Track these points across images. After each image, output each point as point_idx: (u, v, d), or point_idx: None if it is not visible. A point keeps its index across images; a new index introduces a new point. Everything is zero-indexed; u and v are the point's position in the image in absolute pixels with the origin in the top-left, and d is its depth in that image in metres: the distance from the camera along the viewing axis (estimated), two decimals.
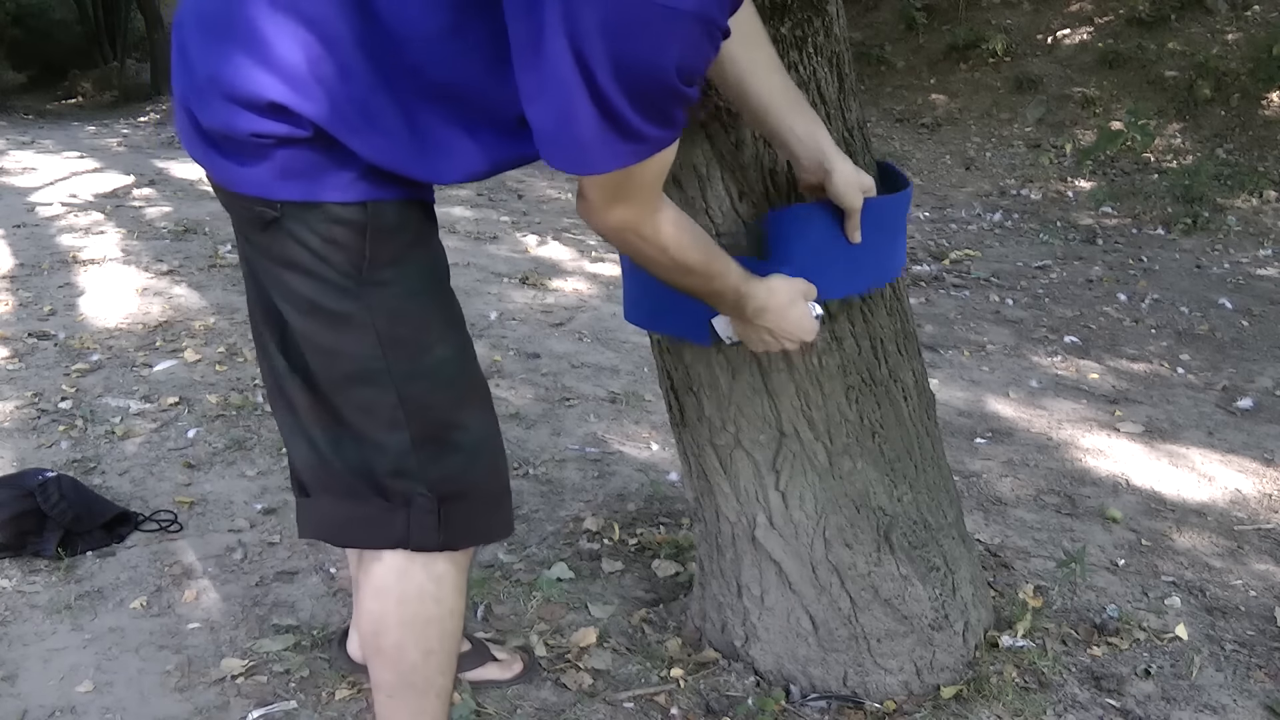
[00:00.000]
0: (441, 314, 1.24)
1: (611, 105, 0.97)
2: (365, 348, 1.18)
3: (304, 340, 1.20)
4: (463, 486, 1.26)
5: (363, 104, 1.09)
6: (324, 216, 1.14)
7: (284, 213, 1.14)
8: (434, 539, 1.25)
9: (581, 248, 5.11)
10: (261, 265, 1.21)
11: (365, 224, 1.14)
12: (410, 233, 1.19)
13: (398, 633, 1.30)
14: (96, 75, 16.17)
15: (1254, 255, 5.18)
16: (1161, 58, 7.57)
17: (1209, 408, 3.17)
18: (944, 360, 3.54)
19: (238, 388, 3.09)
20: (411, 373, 1.20)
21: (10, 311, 3.83)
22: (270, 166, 1.12)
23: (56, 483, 2.20)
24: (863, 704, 1.68)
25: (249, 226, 1.20)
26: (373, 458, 1.22)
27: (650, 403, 3.06)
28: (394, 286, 1.18)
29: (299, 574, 2.09)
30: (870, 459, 1.63)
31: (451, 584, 1.31)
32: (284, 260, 1.17)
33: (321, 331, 1.19)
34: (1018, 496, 2.52)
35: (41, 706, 1.68)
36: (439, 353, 1.23)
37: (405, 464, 1.22)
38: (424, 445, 1.22)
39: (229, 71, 1.10)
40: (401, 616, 1.30)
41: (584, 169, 1.05)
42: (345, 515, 1.27)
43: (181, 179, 7.17)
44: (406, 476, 1.23)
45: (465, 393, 1.27)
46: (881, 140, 7.69)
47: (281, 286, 1.19)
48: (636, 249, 1.19)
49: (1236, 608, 2.03)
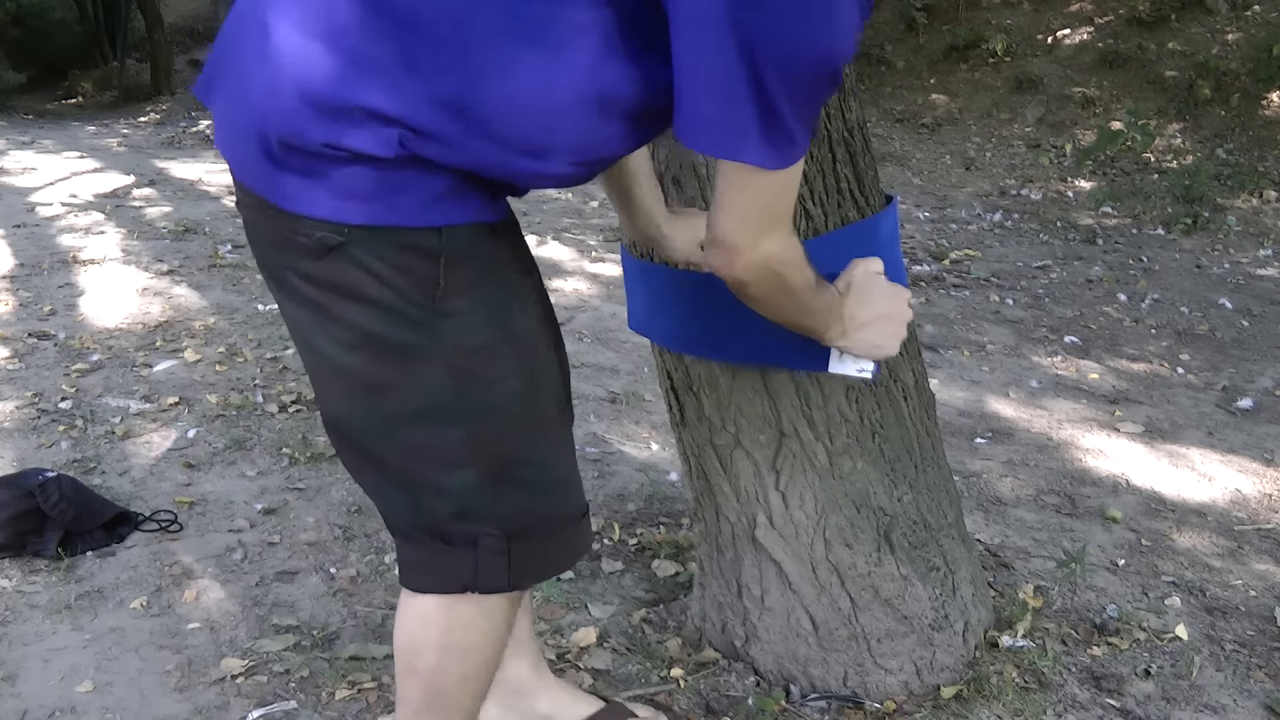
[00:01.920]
0: (514, 344, 1.15)
1: (769, 96, 0.96)
2: (432, 381, 1.10)
3: (345, 378, 1.12)
4: (533, 522, 1.19)
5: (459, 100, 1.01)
6: (395, 242, 1.05)
7: (350, 238, 1.04)
8: (503, 580, 1.18)
9: (581, 248, 5.11)
10: (304, 298, 1.10)
11: (440, 250, 1.06)
12: (483, 258, 1.11)
13: (437, 657, 1.24)
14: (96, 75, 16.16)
15: (1254, 255, 5.18)
16: (1161, 58, 7.57)
17: (1209, 408, 3.17)
18: (944, 360, 3.54)
19: (238, 388, 3.09)
20: (480, 407, 1.12)
21: (10, 311, 3.83)
22: (337, 186, 1.04)
23: (56, 483, 2.20)
24: (863, 704, 1.68)
25: (297, 253, 1.08)
26: (428, 500, 1.15)
27: (650, 403, 3.07)
28: (466, 316, 1.09)
29: (299, 574, 2.09)
30: (870, 459, 1.63)
31: (502, 616, 1.24)
32: (342, 290, 1.07)
33: (373, 366, 1.10)
34: (1018, 496, 2.52)
35: (41, 706, 1.68)
36: (510, 384, 1.14)
37: (470, 504, 1.15)
38: (491, 483, 1.14)
39: (311, 71, 1.01)
40: (443, 643, 1.23)
41: (738, 155, 1.00)
42: (413, 559, 1.20)
43: (181, 179, 7.17)
44: (472, 517, 1.15)
45: (537, 426, 1.19)
46: (881, 140, 7.69)
47: (327, 319, 1.10)
48: (779, 286, 1.12)
49: (1236, 608, 2.03)
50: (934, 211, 6.23)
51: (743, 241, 1.06)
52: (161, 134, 10.46)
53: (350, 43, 1.01)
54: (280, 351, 3.41)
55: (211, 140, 9.65)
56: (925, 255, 5.08)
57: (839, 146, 1.53)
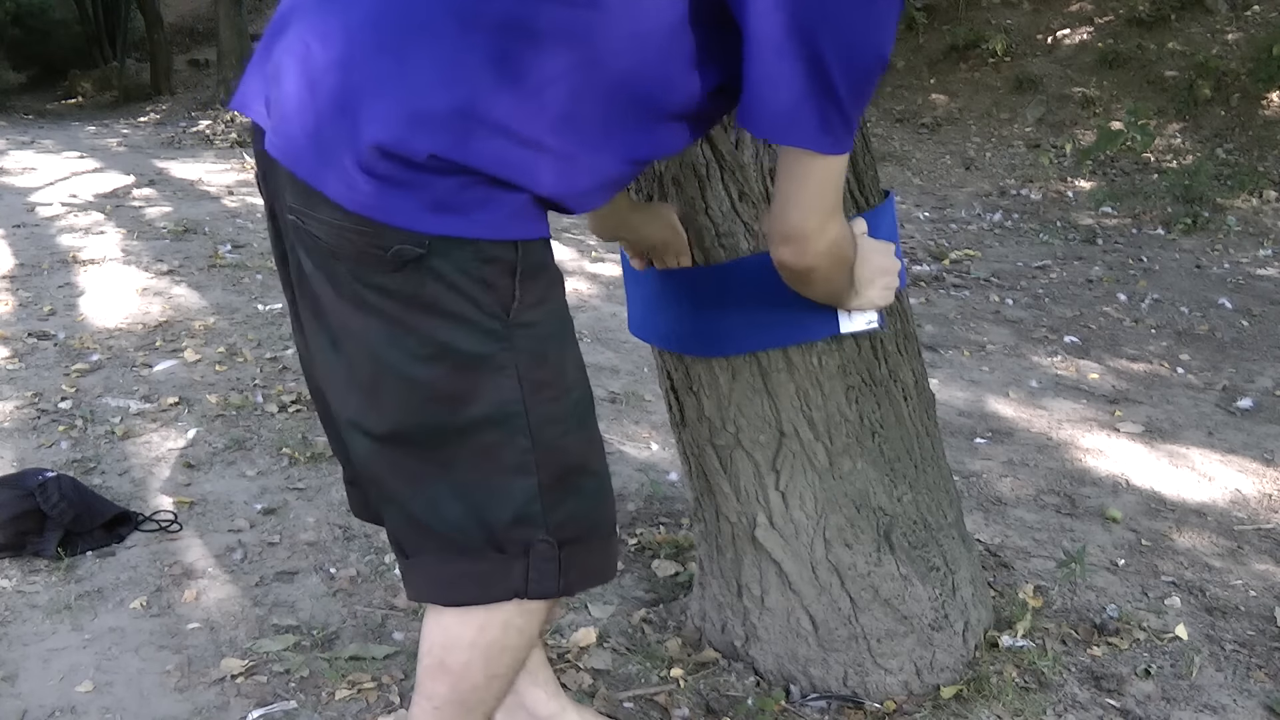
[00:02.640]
0: (575, 356, 1.20)
1: (832, 84, 1.04)
2: (505, 392, 1.12)
3: (416, 389, 1.11)
4: (584, 530, 1.21)
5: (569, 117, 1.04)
6: (476, 255, 1.06)
7: (431, 249, 1.05)
8: (554, 586, 1.20)
9: (581, 248, 5.12)
10: (372, 308, 1.09)
11: (516, 264, 1.09)
12: (551, 271, 1.15)
13: (468, 654, 1.24)
14: (96, 75, 16.16)
15: (1254, 255, 5.18)
16: (1161, 58, 7.58)
17: (1209, 408, 3.17)
18: (944, 360, 3.54)
19: (238, 388, 3.09)
20: (549, 417, 1.15)
21: (10, 311, 3.83)
22: (425, 196, 1.04)
23: (56, 483, 2.20)
24: (863, 704, 1.68)
25: (369, 263, 1.07)
26: (488, 508, 1.16)
27: (650, 403, 3.07)
28: (537, 328, 1.13)
29: (299, 574, 2.09)
30: (870, 459, 1.63)
31: (539, 618, 1.26)
32: (419, 302, 1.07)
33: (448, 376, 1.10)
34: (1018, 496, 2.52)
35: (41, 706, 1.68)
36: (575, 395, 1.19)
37: (529, 510, 1.16)
38: (552, 491, 1.17)
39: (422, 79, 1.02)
40: (478, 640, 1.23)
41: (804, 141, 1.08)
42: (455, 572, 1.20)
43: (181, 179, 7.17)
44: (529, 523, 1.17)
45: (593, 435, 1.23)
46: (881, 140, 7.69)
47: (402, 331, 1.09)
48: (841, 266, 1.22)
49: (1236, 608, 2.03)
50: (934, 211, 6.24)
51: (813, 229, 1.14)
52: (161, 134, 10.46)
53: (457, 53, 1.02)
54: (280, 351, 3.41)
55: (211, 140, 9.65)
56: (925, 255, 5.09)
57: None
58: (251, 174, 7.55)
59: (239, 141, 9.30)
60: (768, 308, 1.47)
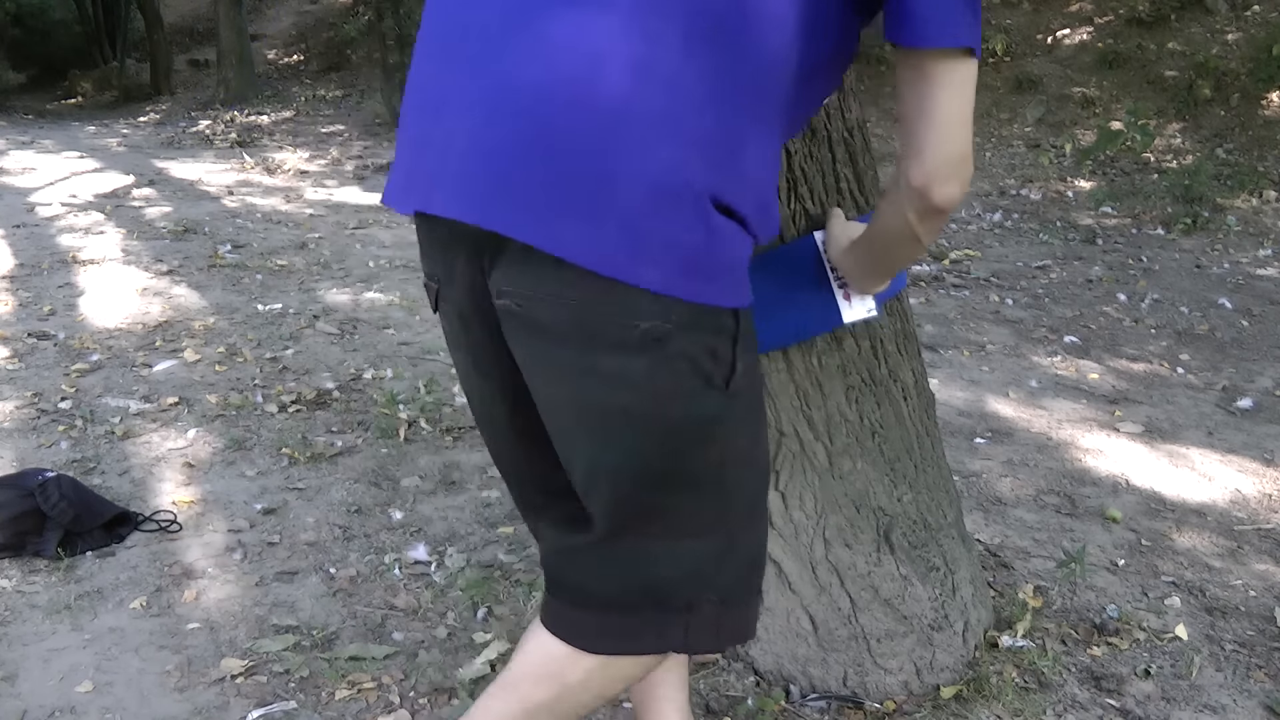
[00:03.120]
0: (763, 424, 1.19)
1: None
2: (712, 459, 1.09)
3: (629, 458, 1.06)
4: (743, 591, 1.20)
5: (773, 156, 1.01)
6: (713, 326, 1.00)
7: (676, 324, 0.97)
8: (712, 643, 1.19)
9: None
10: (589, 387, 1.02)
11: (736, 333, 1.03)
12: (752, 339, 1.11)
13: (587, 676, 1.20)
14: (96, 75, 16.15)
15: (1254, 255, 5.18)
16: (1161, 58, 7.58)
17: (1209, 408, 3.17)
18: (944, 360, 3.54)
19: (238, 388, 3.09)
20: (740, 481, 1.14)
21: (10, 311, 3.83)
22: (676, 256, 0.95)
23: (56, 483, 2.20)
24: (862, 704, 1.68)
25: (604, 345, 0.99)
26: (664, 565, 1.13)
27: None
28: (744, 397, 1.10)
29: (299, 574, 2.09)
30: (870, 459, 1.63)
31: (651, 667, 1.24)
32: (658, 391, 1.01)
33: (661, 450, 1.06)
34: (1018, 496, 2.52)
35: (41, 706, 1.68)
36: (761, 464, 1.18)
37: (705, 569, 1.14)
38: (726, 553, 1.16)
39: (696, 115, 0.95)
40: (607, 667, 1.20)
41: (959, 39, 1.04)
42: (610, 626, 1.17)
43: (181, 179, 7.18)
44: (700, 582, 1.15)
45: (766, 501, 1.22)
46: (881, 140, 7.68)
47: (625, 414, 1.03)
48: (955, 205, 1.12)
49: (1236, 608, 2.03)
50: None
51: (968, 149, 1.07)
52: (161, 134, 10.46)
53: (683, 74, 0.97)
54: (280, 351, 3.42)
55: (211, 140, 9.64)
56: (925, 255, 5.09)
57: (839, 146, 1.53)
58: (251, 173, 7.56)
59: (239, 141, 9.31)
60: (769, 304, 1.47)
